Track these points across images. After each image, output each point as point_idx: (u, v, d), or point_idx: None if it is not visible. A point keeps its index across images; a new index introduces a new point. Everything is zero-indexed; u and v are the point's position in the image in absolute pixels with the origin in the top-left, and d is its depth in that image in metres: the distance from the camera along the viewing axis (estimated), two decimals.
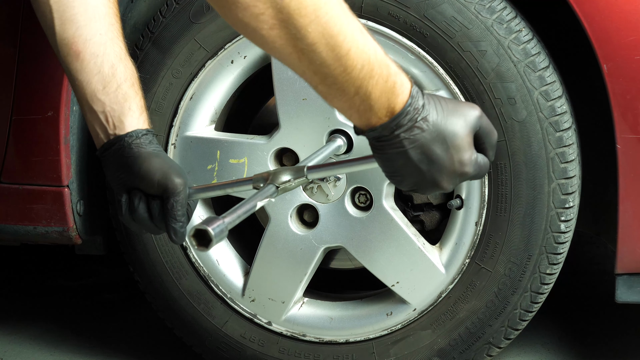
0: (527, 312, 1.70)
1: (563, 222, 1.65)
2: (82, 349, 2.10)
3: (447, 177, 1.31)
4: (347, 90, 1.23)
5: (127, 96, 1.43)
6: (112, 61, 1.44)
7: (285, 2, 1.15)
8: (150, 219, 1.40)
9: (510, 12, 1.63)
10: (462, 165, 1.30)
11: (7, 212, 1.82)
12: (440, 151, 1.28)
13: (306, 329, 1.79)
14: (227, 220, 1.27)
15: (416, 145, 1.27)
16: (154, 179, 1.38)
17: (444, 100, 1.31)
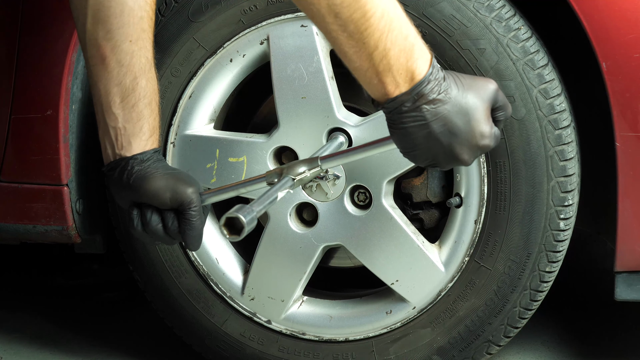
0: (527, 310, 1.70)
1: (562, 220, 1.65)
2: (82, 348, 2.10)
3: (468, 150, 1.32)
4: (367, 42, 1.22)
5: (141, 115, 1.42)
6: (135, 74, 1.42)
7: None
8: (164, 231, 1.40)
9: (509, 10, 1.63)
10: (482, 137, 1.32)
11: (6, 211, 1.82)
12: (462, 124, 1.29)
13: (306, 328, 1.79)
14: (255, 208, 1.28)
15: (439, 118, 1.27)
16: (165, 197, 1.39)
17: (461, 74, 1.32)
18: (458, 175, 1.68)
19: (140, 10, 1.42)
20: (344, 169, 1.71)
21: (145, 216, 1.40)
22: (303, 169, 1.42)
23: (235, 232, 1.27)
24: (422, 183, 1.75)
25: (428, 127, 1.27)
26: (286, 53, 1.69)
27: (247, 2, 1.70)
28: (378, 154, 1.46)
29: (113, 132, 1.42)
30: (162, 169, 1.42)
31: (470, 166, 1.66)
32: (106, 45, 1.41)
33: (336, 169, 1.71)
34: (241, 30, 1.72)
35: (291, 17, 1.68)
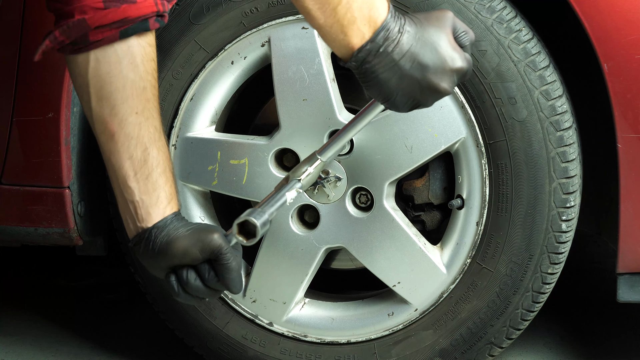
0: (529, 311, 1.70)
1: (564, 222, 1.65)
2: (83, 350, 2.10)
3: (443, 77, 1.33)
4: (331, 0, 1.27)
5: (156, 185, 1.43)
6: (145, 144, 1.42)
7: None
8: (204, 285, 1.40)
9: (510, 11, 1.62)
10: (454, 60, 1.33)
11: (8, 213, 1.82)
12: (430, 53, 1.31)
13: (307, 330, 1.79)
14: (267, 210, 1.28)
15: (406, 56, 1.30)
16: (195, 252, 1.39)
17: (414, 14, 1.36)
18: (460, 177, 1.68)
19: (142, 80, 1.43)
20: (346, 171, 1.71)
21: (182, 277, 1.41)
22: (305, 168, 1.44)
23: (251, 237, 1.28)
24: (423, 185, 1.75)
25: (399, 68, 1.30)
26: (287, 55, 1.69)
27: (248, 4, 1.70)
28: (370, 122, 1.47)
29: (132, 205, 1.43)
30: (182, 228, 1.42)
31: (472, 168, 1.66)
32: (113, 120, 1.41)
33: (338, 171, 1.71)
34: (242, 33, 1.72)
35: (292, 19, 1.68)
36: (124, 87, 1.41)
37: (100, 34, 1.39)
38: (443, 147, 1.66)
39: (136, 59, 1.42)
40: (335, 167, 1.71)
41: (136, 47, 1.41)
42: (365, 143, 1.69)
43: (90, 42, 1.39)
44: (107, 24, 1.38)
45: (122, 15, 1.38)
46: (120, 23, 1.39)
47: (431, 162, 1.72)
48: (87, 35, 1.39)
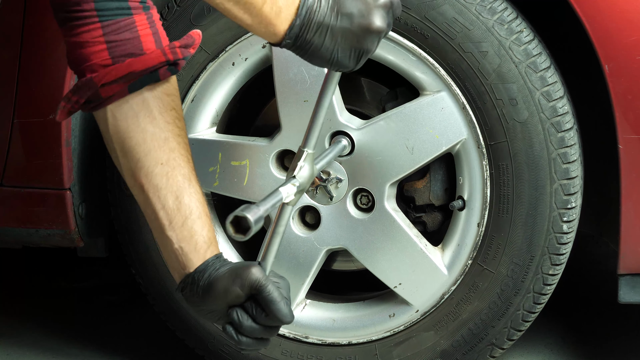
0: (530, 313, 1.70)
1: (565, 223, 1.65)
2: (84, 351, 2.10)
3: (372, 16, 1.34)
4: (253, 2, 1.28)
5: (193, 232, 1.43)
6: (175, 193, 1.43)
7: None
8: (256, 323, 1.40)
9: (511, 13, 1.62)
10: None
11: (9, 215, 1.82)
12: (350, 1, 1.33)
13: (309, 331, 1.79)
14: (262, 207, 1.28)
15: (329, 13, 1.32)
16: (236, 290, 1.39)
17: None
18: (461, 178, 1.68)
19: (162, 132, 1.43)
20: (347, 173, 1.71)
21: (235, 320, 1.40)
22: (296, 163, 1.43)
23: (241, 232, 1.27)
24: (424, 186, 1.75)
25: (327, 27, 1.32)
26: (288, 56, 1.69)
27: None
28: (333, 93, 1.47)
29: (173, 255, 1.44)
30: (222, 268, 1.42)
31: (473, 169, 1.66)
32: (140, 173, 1.43)
33: (339, 172, 1.71)
34: (243, 34, 1.72)
35: None
36: (144, 141, 1.42)
37: (110, 90, 1.40)
38: (444, 149, 1.66)
39: (153, 112, 1.42)
40: (337, 169, 1.71)
41: (151, 100, 1.42)
42: (366, 144, 1.69)
43: (103, 99, 1.41)
44: (112, 81, 1.39)
45: (126, 70, 1.39)
46: (127, 78, 1.39)
47: (432, 163, 1.72)
48: (98, 93, 1.40)
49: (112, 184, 1.83)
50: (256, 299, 1.39)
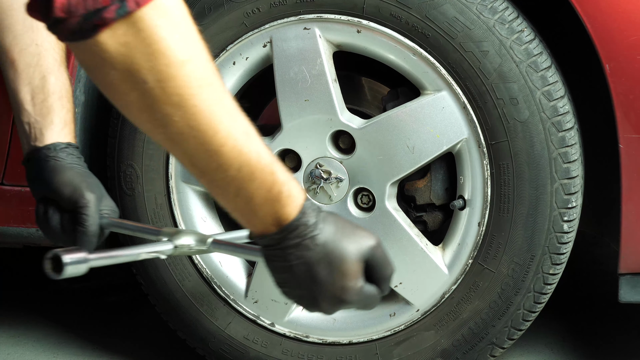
0: (531, 312, 1.70)
1: (566, 222, 1.65)
2: (85, 351, 2.09)
3: (327, 301, 1.23)
4: (226, 189, 1.17)
5: (51, 109, 1.47)
6: (43, 72, 1.47)
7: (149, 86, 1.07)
8: (62, 232, 1.42)
9: (512, 12, 1.63)
10: (343, 292, 1.21)
11: (9, 215, 1.82)
12: (325, 273, 1.20)
13: (309, 330, 1.79)
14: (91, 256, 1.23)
15: (301, 262, 1.20)
16: (64, 193, 1.41)
17: (342, 222, 1.24)
18: (461, 177, 1.68)
19: None
20: (347, 172, 1.71)
21: (47, 213, 1.43)
22: (190, 242, 1.33)
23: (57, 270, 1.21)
24: (425, 185, 1.75)
25: (291, 270, 1.21)
26: (289, 56, 1.69)
27: (250, 4, 1.70)
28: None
29: (27, 126, 1.47)
30: (76, 165, 1.44)
31: (473, 169, 1.66)
32: (14, 49, 1.47)
33: (339, 172, 1.71)
34: (244, 33, 1.72)
35: (294, 19, 1.68)
36: (24, 20, 1.46)
37: None
38: (445, 148, 1.66)
39: None
40: (337, 168, 1.71)
41: None
42: (367, 144, 1.69)
43: None
44: None
45: None
46: None
47: (433, 162, 1.72)
48: None
49: (113, 183, 1.83)
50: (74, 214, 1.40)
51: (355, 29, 1.66)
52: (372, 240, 1.23)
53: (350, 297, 1.22)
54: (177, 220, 1.80)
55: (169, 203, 1.80)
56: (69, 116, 1.49)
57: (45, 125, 1.46)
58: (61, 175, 1.42)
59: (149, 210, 1.81)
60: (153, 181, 1.80)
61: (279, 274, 1.23)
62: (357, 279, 1.21)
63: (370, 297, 1.23)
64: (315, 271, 1.20)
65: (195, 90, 1.10)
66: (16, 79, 1.48)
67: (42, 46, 1.48)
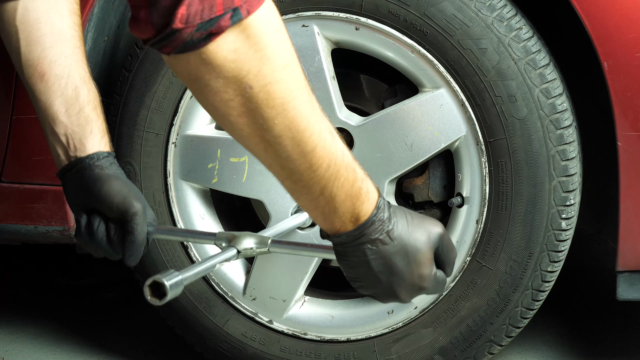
0: (529, 309, 1.70)
1: (564, 220, 1.65)
2: (83, 348, 2.10)
3: (405, 290, 1.30)
4: (312, 189, 1.21)
5: (89, 119, 1.45)
6: (75, 84, 1.45)
7: (255, 91, 1.12)
8: (108, 242, 1.41)
9: (510, 9, 1.62)
10: (421, 279, 1.30)
11: (7, 212, 1.82)
12: (402, 265, 1.28)
13: (307, 328, 1.79)
14: (184, 276, 1.27)
15: (378, 256, 1.26)
16: (113, 202, 1.39)
17: (409, 213, 1.31)
18: (460, 175, 1.68)
19: (70, 29, 1.47)
20: None
21: (92, 224, 1.41)
22: (251, 246, 1.41)
23: (157, 296, 1.26)
24: (423, 183, 1.75)
25: (368, 264, 1.27)
26: None
27: None
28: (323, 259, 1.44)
29: (64, 138, 1.44)
30: (119, 174, 1.44)
31: (472, 166, 1.66)
32: (43, 62, 1.45)
33: None
34: None
35: (292, 17, 1.68)
36: (52, 32, 1.45)
37: None
38: (443, 145, 1.66)
39: (63, 11, 1.46)
40: None
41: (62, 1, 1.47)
42: (365, 141, 1.69)
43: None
44: None
45: None
46: None
47: (431, 160, 1.72)
48: None
49: None
50: (122, 223, 1.39)
51: (354, 27, 1.66)
52: (439, 228, 1.31)
53: (427, 284, 1.30)
54: (176, 217, 1.79)
55: (167, 200, 1.80)
56: (105, 125, 1.47)
57: (85, 136, 1.44)
58: (108, 184, 1.40)
59: None
60: (151, 178, 1.80)
61: (354, 269, 1.28)
62: (432, 266, 1.30)
63: (442, 282, 1.32)
64: (393, 263, 1.27)
65: (295, 93, 1.15)
66: (47, 91, 1.45)
67: (71, 58, 1.46)
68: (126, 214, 1.39)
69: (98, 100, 1.48)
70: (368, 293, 1.32)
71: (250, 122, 1.16)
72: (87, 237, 1.42)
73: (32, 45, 1.45)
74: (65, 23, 1.47)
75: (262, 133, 1.16)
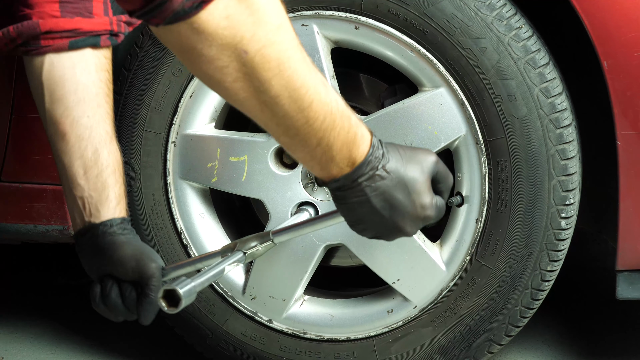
0: (528, 309, 1.70)
1: (563, 219, 1.65)
2: (83, 347, 2.10)
3: (409, 222, 1.32)
4: (309, 141, 1.22)
5: (106, 184, 1.46)
6: (96, 145, 1.46)
7: (250, 56, 1.11)
8: (122, 304, 1.42)
9: (510, 9, 1.62)
10: (424, 209, 1.31)
11: (7, 211, 1.82)
12: (402, 197, 1.29)
13: (307, 327, 1.79)
14: (195, 282, 1.28)
15: (378, 192, 1.28)
16: (127, 267, 1.40)
17: (402, 147, 1.32)
18: (459, 174, 1.68)
19: (95, 87, 1.47)
20: None
21: (105, 289, 1.42)
22: (255, 244, 1.44)
23: (173, 305, 1.28)
24: None
25: (369, 203, 1.28)
26: None
27: None
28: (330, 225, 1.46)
29: (80, 201, 1.46)
30: (132, 238, 1.44)
31: (471, 165, 1.66)
32: (65, 121, 1.45)
33: None
34: None
35: (292, 16, 1.68)
36: (76, 91, 1.45)
37: (52, 40, 1.43)
38: (443, 145, 1.66)
39: (90, 67, 1.46)
40: None
41: (91, 57, 1.46)
42: None
43: (42, 46, 1.43)
44: (58, 31, 1.42)
45: (73, 26, 1.43)
46: (72, 33, 1.43)
47: None
48: (39, 39, 1.43)
49: None
50: (136, 286, 1.40)
51: (353, 26, 1.66)
52: (433, 156, 1.33)
53: (430, 212, 1.32)
54: (175, 216, 1.79)
55: (166, 199, 1.80)
56: (122, 190, 1.48)
57: (100, 202, 1.45)
58: (121, 250, 1.41)
59: (146, 207, 1.81)
60: (151, 177, 1.80)
61: (355, 211, 1.29)
62: (432, 194, 1.32)
63: (441, 208, 1.34)
64: (393, 197, 1.28)
65: (290, 52, 1.14)
66: (67, 151, 1.45)
67: (93, 118, 1.46)
68: (142, 278, 1.40)
69: (118, 163, 1.48)
70: (372, 234, 1.33)
71: (247, 86, 1.15)
72: (102, 303, 1.42)
73: (56, 103, 1.45)
74: (90, 80, 1.46)
75: (259, 95, 1.16)
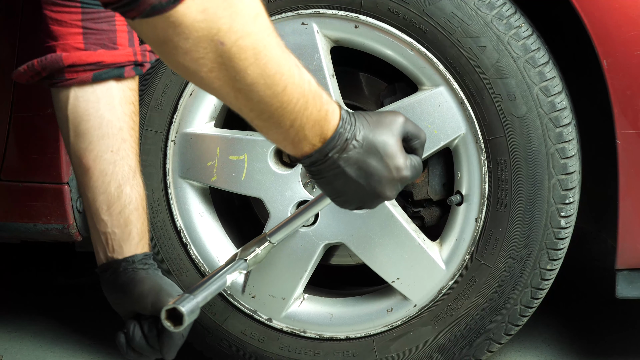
0: (528, 308, 1.70)
1: (563, 218, 1.65)
2: (82, 346, 2.10)
3: (387, 186, 1.32)
4: (282, 123, 1.23)
5: (128, 221, 1.47)
6: (119, 181, 1.47)
7: (227, 47, 1.11)
8: (147, 344, 1.42)
9: (509, 7, 1.62)
10: (399, 170, 1.32)
11: (7, 210, 1.82)
12: (375, 162, 1.30)
13: (306, 326, 1.79)
14: (198, 298, 1.29)
15: (351, 162, 1.29)
16: (147, 301, 1.41)
17: (368, 114, 1.33)
18: (459, 173, 1.68)
19: (119, 121, 1.47)
20: None
21: (129, 333, 1.43)
22: (254, 249, 1.46)
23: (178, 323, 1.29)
24: (422, 181, 1.75)
25: (344, 173, 1.29)
26: None
27: None
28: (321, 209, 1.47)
29: (103, 237, 1.47)
30: (152, 273, 1.45)
31: (471, 164, 1.66)
32: (88, 156, 1.46)
33: None
34: None
35: (292, 15, 1.68)
36: (100, 126, 1.46)
37: (75, 73, 1.44)
38: (442, 143, 1.66)
39: (114, 101, 1.46)
40: None
41: (115, 90, 1.47)
42: None
43: (66, 79, 1.44)
44: (81, 65, 1.43)
45: (96, 59, 1.43)
46: (95, 66, 1.44)
47: (430, 158, 1.72)
48: (63, 72, 1.44)
49: None
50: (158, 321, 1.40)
51: (353, 25, 1.66)
52: (400, 117, 1.33)
53: (405, 172, 1.32)
54: (175, 215, 1.79)
55: (166, 198, 1.80)
56: (145, 225, 1.49)
57: (123, 238, 1.46)
58: (141, 285, 1.42)
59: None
60: (151, 176, 1.80)
61: (333, 184, 1.30)
62: (404, 155, 1.32)
63: (417, 166, 1.35)
64: (367, 164, 1.29)
65: (266, 41, 1.14)
66: (91, 186, 1.47)
67: (117, 153, 1.47)
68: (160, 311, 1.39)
69: (141, 198, 1.49)
70: (355, 206, 1.34)
71: (222, 76, 1.15)
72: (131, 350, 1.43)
73: (80, 137, 1.46)
74: (115, 114, 1.46)
75: (234, 84, 1.16)
